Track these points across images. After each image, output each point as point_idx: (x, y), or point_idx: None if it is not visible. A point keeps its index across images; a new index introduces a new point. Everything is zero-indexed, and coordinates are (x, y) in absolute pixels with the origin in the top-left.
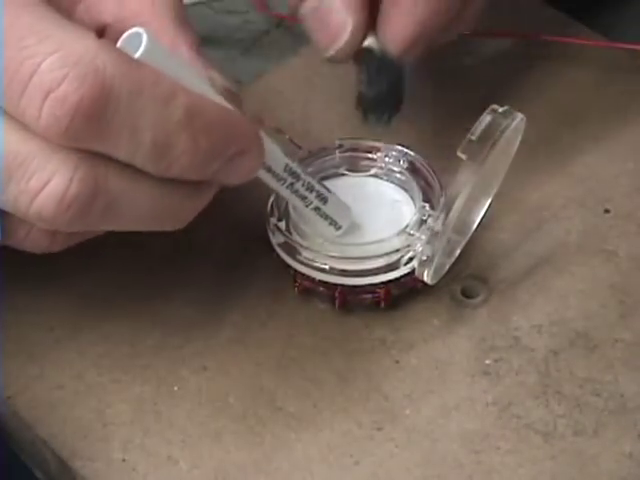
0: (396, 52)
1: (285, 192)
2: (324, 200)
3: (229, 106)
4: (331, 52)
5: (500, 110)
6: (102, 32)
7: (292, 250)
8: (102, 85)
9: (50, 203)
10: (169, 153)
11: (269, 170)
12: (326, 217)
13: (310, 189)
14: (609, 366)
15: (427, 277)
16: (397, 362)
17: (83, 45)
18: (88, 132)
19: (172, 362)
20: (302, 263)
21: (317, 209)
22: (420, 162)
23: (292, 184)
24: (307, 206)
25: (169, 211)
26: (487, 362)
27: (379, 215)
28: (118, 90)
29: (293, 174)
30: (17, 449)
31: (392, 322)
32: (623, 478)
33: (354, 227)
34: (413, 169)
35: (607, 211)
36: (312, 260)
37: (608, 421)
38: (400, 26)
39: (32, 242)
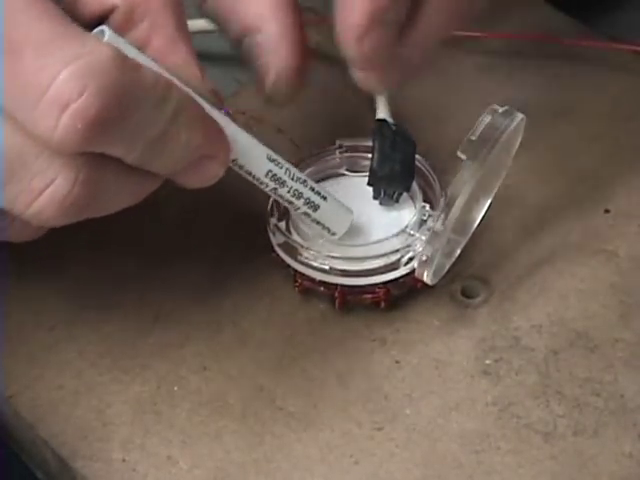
0: (351, 38)
1: (271, 194)
2: (314, 207)
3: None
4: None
5: (500, 110)
6: (107, 14)
7: (292, 250)
8: (119, 95)
9: (51, 204)
10: (163, 149)
11: (249, 174)
12: (317, 222)
13: (298, 196)
14: (609, 366)
15: (427, 277)
16: (397, 362)
17: (99, 54)
18: (103, 140)
19: (172, 362)
20: (302, 263)
21: (306, 214)
22: (420, 162)
23: (275, 189)
24: (295, 210)
25: (136, 197)
26: (487, 362)
27: (379, 215)
28: (132, 98)
29: (277, 180)
30: (17, 449)
31: (392, 322)
32: (623, 478)
33: (354, 227)
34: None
35: (607, 211)
36: (312, 260)
37: (608, 421)
38: (352, 7)
39: (15, 233)
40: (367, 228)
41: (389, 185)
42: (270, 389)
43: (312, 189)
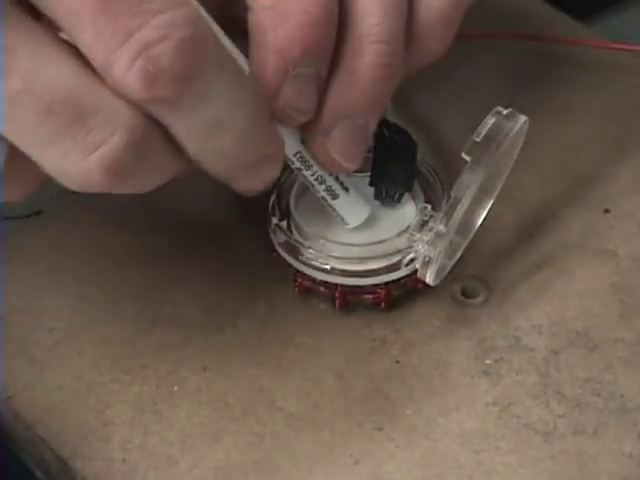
0: (266, 94)
1: (295, 172)
2: (333, 196)
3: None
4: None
5: (504, 112)
6: None
7: (293, 250)
8: (196, 54)
9: (100, 165)
10: (221, 133)
11: None
12: (333, 209)
13: (320, 182)
14: (609, 366)
15: (429, 278)
16: (397, 362)
17: (187, 11)
18: (169, 96)
19: (172, 362)
20: (303, 263)
21: (324, 199)
22: (421, 163)
23: (300, 169)
24: (316, 193)
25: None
26: (487, 362)
27: (380, 216)
28: (207, 63)
29: (304, 162)
30: (17, 449)
31: (392, 322)
32: (623, 478)
33: (354, 228)
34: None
35: (607, 211)
36: (313, 260)
37: (608, 421)
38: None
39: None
40: (369, 228)
41: (391, 186)
42: (270, 389)
43: (337, 178)
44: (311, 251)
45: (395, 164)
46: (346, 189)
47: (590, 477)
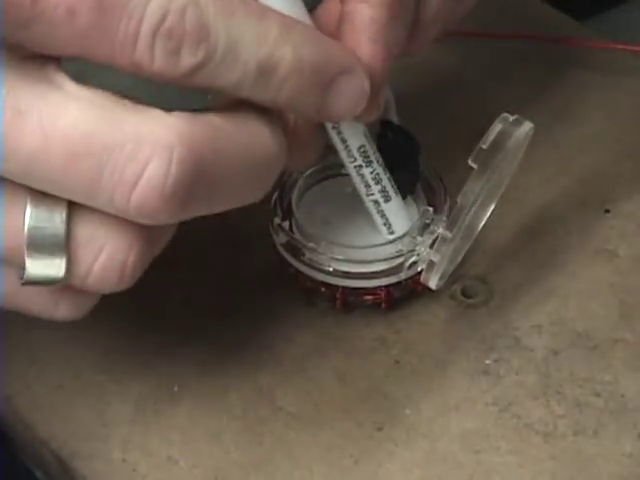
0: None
1: (352, 172)
2: (387, 198)
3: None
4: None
5: (511, 119)
6: None
7: (295, 250)
8: (200, 15)
9: (152, 193)
10: (276, 72)
11: (344, 142)
12: (382, 215)
13: (377, 181)
14: (609, 366)
15: (432, 283)
16: (397, 362)
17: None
18: (197, 64)
19: (172, 362)
20: (305, 264)
21: (376, 203)
22: (423, 165)
23: (360, 166)
24: (368, 195)
25: (267, 172)
26: (487, 362)
27: None
28: (213, 16)
29: (366, 158)
30: (17, 449)
31: (392, 322)
32: (623, 478)
33: (357, 230)
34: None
35: (607, 211)
36: (315, 261)
37: (608, 421)
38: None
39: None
40: (370, 231)
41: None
42: (270, 389)
43: (390, 179)
44: (314, 252)
45: (398, 166)
46: (396, 192)
47: (590, 477)
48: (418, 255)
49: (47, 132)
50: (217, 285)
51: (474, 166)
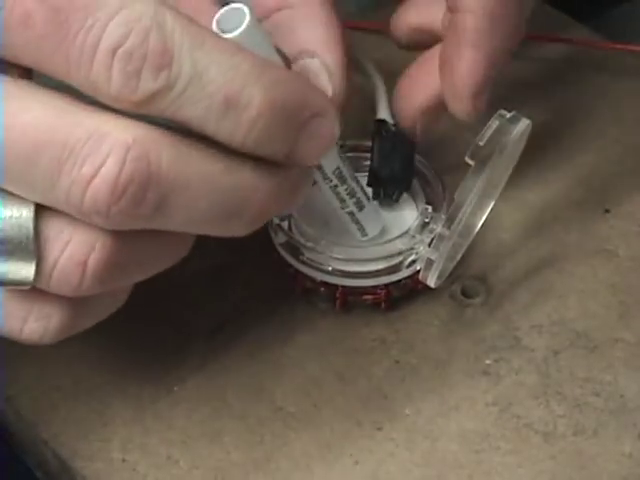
0: (466, 104)
1: (327, 191)
2: (361, 207)
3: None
4: None
5: (508, 116)
6: None
7: (294, 250)
8: (164, 39)
9: (104, 187)
10: (245, 110)
11: (319, 168)
12: (357, 222)
13: (352, 195)
14: (609, 366)
15: (431, 281)
16: (397, 362)
17: (143, 6)
18: (157, 90)
19: (172, 362)
20: (304, 263)
21: (351, 214)
22: (422, 164)
23: (335, 186)
24: (343, 209)
25: (237, 202)
26: (487, 362)
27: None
28: (179, 42)
29: (341, 178)
30: (17, 449)
31: (392, 322)
32: (623, 478)
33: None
34: (415, 171)
35: (607, 211)
36: (314, 261)
37: (608, 421)
38: (467, 65)
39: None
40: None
41: (389, 185)
42: (270, 389)
43: (361, 188)
44: (313, 252)
45: (393, 163)
46: (368, 198)
47: (590, 477)
48: (417, 254)
49: (8, 128)
50: (217, 285)
51: (471, 163)
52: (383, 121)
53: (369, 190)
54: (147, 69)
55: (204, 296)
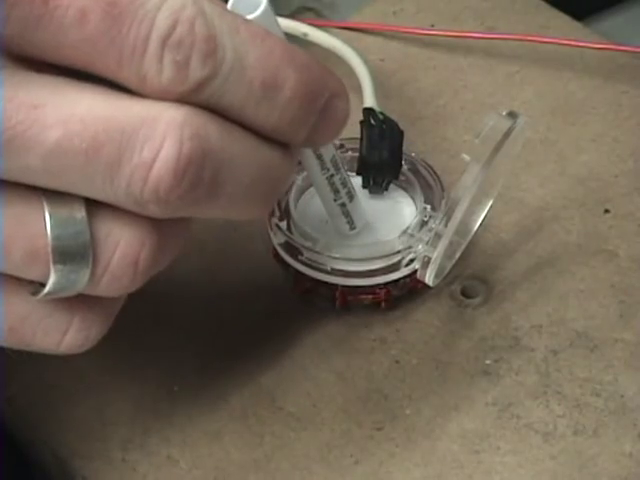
0: None
1: (323, 183)
2: (351, 197)
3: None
4: None
5: (504, 113)
6: None
7: (293, 250)
8: (208, 26)
9: (165, 170)
10: (281, 93)
11: (319, 157)
12: (347, 214)
13: (344, 184)
14: (609, 366)
15: (429, 279)
16: (397, 362)
17: None
18: (205, 77)
19: (172, 362)
20: (303, 263)
21: (343, 205)
22: (421, 163)
23: (332, 176)
24: (336, 200)
25: (272, 179)
26: (487, 362)
27: (380, 216)
28: (220, 29)
29: (336, 166)
30: (17, 449)
31: (392, 322)
32: (623, 478)
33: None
34: (414, 170)
35: (607, 211)
36: (314, 261)
37: (608, 421)
38: None
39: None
40: (368, 229)
41: (378, 173)
42: (270, 389)
43: (349, 178)
44: (312, 252)
45: (382, 152)
46: (354, 189)
47: (590, 477)
48: (415, 252)
49: (67, 122)
50: (216, 285)
51: (467, 159)
52: (371, 109)
53: (357, 181)
54: (196, 57)
55: (204, 296)
